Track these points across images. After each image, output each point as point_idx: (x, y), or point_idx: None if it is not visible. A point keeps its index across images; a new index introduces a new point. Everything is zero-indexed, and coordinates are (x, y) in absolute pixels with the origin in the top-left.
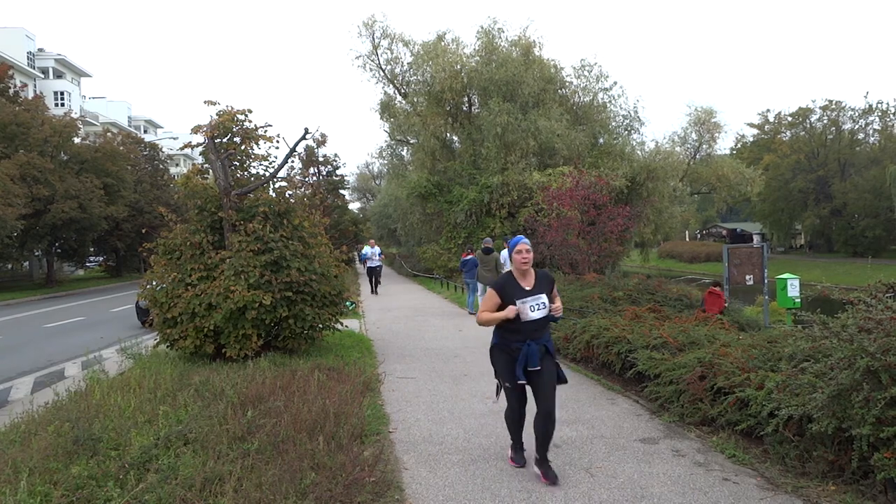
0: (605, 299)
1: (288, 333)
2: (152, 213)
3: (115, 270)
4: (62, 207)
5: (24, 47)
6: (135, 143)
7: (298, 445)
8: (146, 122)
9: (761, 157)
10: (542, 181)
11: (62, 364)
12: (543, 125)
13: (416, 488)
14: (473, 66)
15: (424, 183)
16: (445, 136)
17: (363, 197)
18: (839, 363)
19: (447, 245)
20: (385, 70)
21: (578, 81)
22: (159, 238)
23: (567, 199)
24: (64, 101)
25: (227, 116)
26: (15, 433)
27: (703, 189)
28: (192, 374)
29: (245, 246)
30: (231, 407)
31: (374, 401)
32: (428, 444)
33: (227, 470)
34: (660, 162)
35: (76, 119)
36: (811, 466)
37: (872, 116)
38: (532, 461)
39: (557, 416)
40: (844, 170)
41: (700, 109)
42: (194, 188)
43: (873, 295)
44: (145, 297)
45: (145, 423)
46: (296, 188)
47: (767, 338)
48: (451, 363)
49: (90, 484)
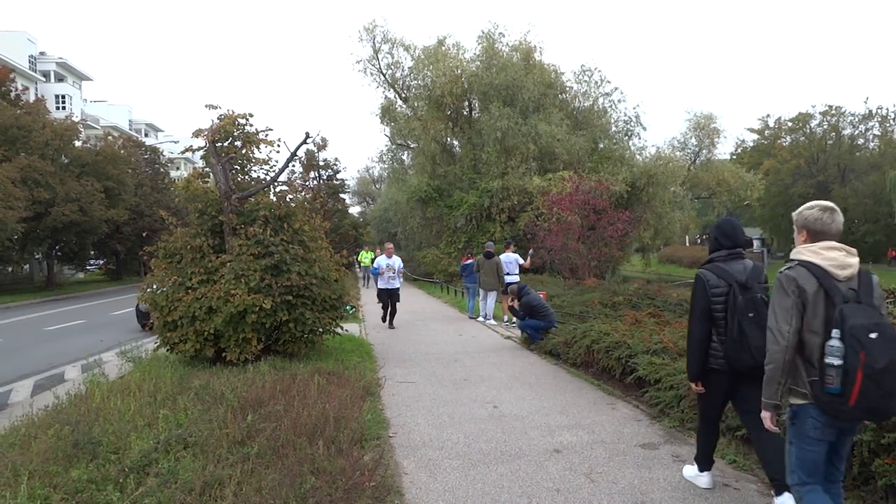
0: (606, 304)
1: (288, 337)
2: (153, 216)
3: (115, 274)
4: (63, 210)
5: (26, 51)
6: (136, 146)
7: (298, 450)
8: (147, 126)
9: (761, 162)
10: (542, 186)
11: (62, 367)
12: (544, 130)
13: (416, 493)
14: (474, 70)
15: (425, 187)
16: (446, 140)
17: (363, 201)
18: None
19: (447, 249)
20: (386, 74)
21: (579, 86)
22: (160, 241)
23: (567, 204)
24: (65, 104)
25: (228, 120)
26: (15, 436)
27: (703, 194)
28: (192, 378)
29: (245, 250)
30: (231, 411)
31: (375, 405)
32: (428, 448)
33: (226, 474)
34: (660, 167)
35: (77, 122)
36: None
37: (872, 122)
38: None
39: (557, 421)
40: (844, 175)
41: (700, 115)
42: (195, 192)
43: None
44: (145, 301)
45: (145, 426)
46: (296, 192)
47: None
48: (451, 367)
49: (90, 487)
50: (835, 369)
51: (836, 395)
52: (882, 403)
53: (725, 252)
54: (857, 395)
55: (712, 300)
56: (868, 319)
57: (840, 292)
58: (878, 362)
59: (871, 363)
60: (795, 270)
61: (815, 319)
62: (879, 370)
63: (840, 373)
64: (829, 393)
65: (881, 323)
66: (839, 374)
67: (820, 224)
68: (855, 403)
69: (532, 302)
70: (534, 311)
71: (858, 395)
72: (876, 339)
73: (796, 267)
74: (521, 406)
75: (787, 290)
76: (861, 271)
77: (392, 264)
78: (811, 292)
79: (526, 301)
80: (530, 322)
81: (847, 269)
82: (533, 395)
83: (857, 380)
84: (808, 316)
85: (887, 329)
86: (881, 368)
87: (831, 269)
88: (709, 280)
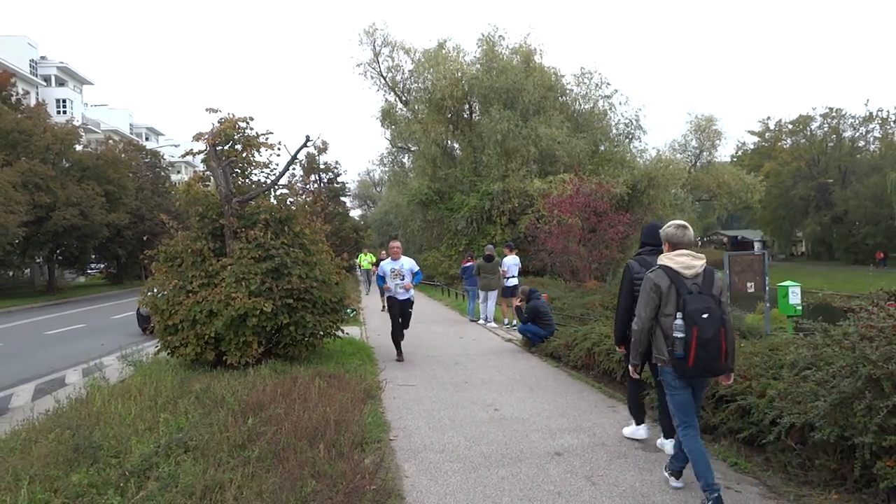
0: (607, 306)
1: (289, 340)
2: (154, 220)
3: (116, 277)
4: (64, 214)
5: (27, 55)
6: (136, 150)
7: (299, 453)
8: (148, 130)
9: (762, 164)
10: (542, 188)
11: (63, 371)
12: (544, 132)
13: (417, 496)
14: (474, 73)
15: (425, 190)
16: (446, 143)
17: (364, 204)
18: (841, 371)
19: (448, 252)
20: (386, 77)
21: (579, 89)
22: (160, 245)
23: (568, 207)
24: (66, 108)
25: (228, 124)
26: (15, 441)
27: (703, 196)
28: (192, 382)
29: (246, 253)
30: (232, 414)
31: (375, 408)
32: (429, 451)
33: (227, 478)
34: (661, 169)
35: (78, 126)
36: (813, 475)
37: (873, 124)
38: None
39: (557, 423)
40: (845, 177)
41: (700, 117)
42: (196, 195)
43: (874, 303)
44: (146, 304)
45: (146, 430)
46: (297, 195)
47: (769, 345)
48: (451, 370)
49: (90, 492)
50: (679, 341)
51: (681, 358)
52: (711, 364)
53: (649, 248)
54: (694, 358)
55: (634, 281)
56: (703, 305)
57: (686, 286)
58: (706, 334)
59: (701, 335)
60: (656, 272)
61: (668, 306)
62: (707, 339)
63: (682, 343)
64: (676, 357)
65: (711, 307)
66: (682, 343)
67: (675, 238)
68: (693, 364)
69: (540, 308)
70: (539, 316)
71: (695, 358)
72: (706, 318)
73: (657, 269)
74: (521, 409)
75: (648, 287)
76: (706, 269)
77: (399, 268)
78: (665, 287)
79: (534, 305)
80: (531, 327)
81: (692, 269)
82: (534, 397)
83: (692, 347)
84: (663, 304)
85: (715, 312)
86: (708, 339)
87: (680, 270)
88: (633, 267)
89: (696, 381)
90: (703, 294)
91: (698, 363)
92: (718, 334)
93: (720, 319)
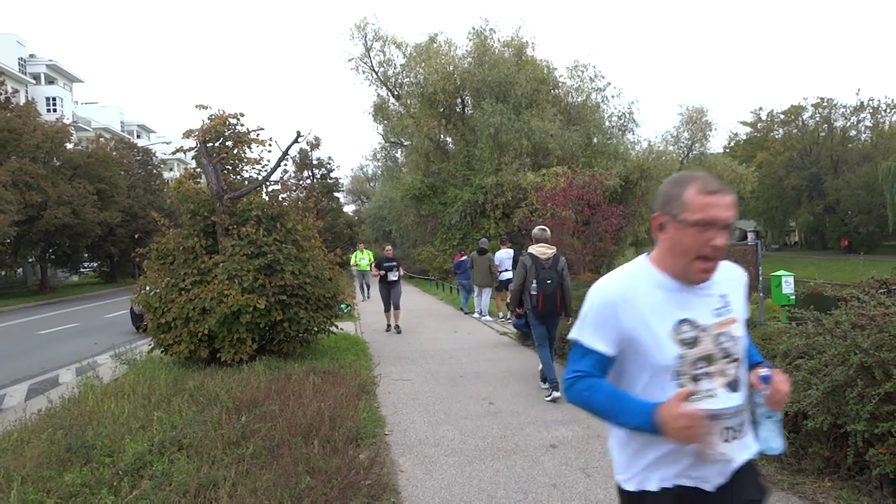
0: None
1: (282, 337)
2: (146, 218)
3: (109, 276)
4: (55, 213)
5: (16, 53)
6: (128, 148)
7: (293, 449)
8: (139, 127)
9: (754, 154)
10: (536, 181)
11: (56, 371)
12: (537, 125)
13: (413, 491)
14: (466, 67)
15: (419, 184)
16: (439, 137)
17: (357, 199)
18: (833, 360)
19: (442, 247)
20: (378, 72)
21: (572, 82)
22: (153, 243)
23: (561, 199)
24: (56, 106)
25: (218, 120)
26: (8, 441)
27: None
28: (186, 379)
29: (238, 250)
30: (226, 412)
31: (370, 403)
32: (424, 446)
33: (221, 475)
34: (653, 161)
35: (68, 125)
36: (807, 463)
37: (864, 113)
38: None
39: (552, 416)
40: (837, 167)
41: (692, 108)
42: (187, 192)
43: (866, 291)
44: (139, 303)
45: (139, 429)
46: (289, 191)
47: (762, 335)
48: (446, 364)
49: (84, 491)
50: (533, 296)
51: (534, 306)
52: (551, 310)
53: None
54: (542, 306)
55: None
56: (548, 275)
57: (541, 265)
58: (547, 291)
59: (544, 292)
60: (525, 256)
61: (530, 276)
62: (548, 295)
63: (535, 298)
64: (533, 306)
65: (553, 277)
66: (535, 298)
67: (537, 237)
68: (541, 310)
69: None
70: None
71: (542, 306)
72: (549, 283)
73: (526, 254)
74: (516, 402)
75: (520, 265)
76: (555, 254)
77: None
78: (529, 265)
79: None
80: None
81: (546, 255)
82: (528, 390)
83: (540, 300)
84: (528, 276)
85: (555, 278)
86: (549, 294)
87: (539, 255)
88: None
89: (547, 320)
90: (550, 269)
91: (543, 310)
92: (555, 293)
93: (559, 284)
